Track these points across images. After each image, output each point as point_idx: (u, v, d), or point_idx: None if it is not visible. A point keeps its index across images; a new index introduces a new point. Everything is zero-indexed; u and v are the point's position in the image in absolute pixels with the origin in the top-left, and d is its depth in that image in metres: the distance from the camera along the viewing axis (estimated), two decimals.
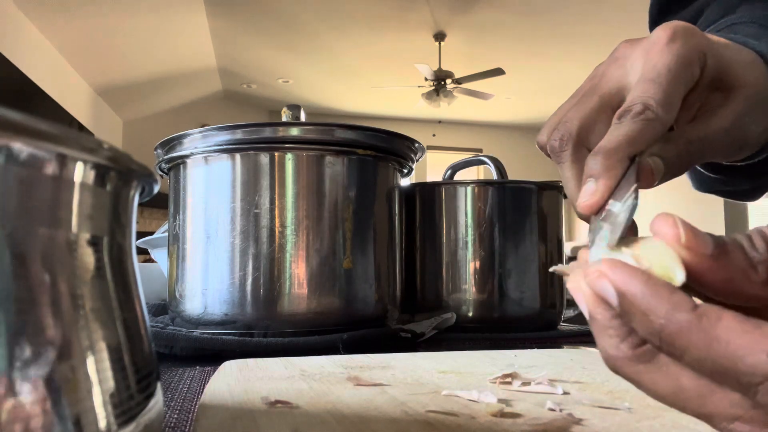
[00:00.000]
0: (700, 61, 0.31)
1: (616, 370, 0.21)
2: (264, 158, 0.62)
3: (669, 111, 0.29)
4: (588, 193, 0.27)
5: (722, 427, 0.19)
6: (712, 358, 0.18)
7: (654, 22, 0.61)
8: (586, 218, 0.28)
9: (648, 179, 0.29)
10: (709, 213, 5.70)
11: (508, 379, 0.35)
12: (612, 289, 0.19)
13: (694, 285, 0.20)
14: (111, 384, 0.17)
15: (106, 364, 0.17)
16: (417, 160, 0.76)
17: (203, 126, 0.66)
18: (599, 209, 0.27)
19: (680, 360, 0.19)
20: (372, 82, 6.41)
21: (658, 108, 0.29)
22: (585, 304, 0.21)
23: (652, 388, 0.20)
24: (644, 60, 0.31)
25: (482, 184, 0.78)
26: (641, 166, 0.29)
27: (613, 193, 0.27)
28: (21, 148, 0.14)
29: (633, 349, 0.20)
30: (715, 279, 0.20)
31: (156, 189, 0.21)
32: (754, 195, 0.49)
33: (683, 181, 0.49)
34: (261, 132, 0.62)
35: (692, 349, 0.18)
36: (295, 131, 0.64)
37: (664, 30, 0.31)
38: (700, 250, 0.20)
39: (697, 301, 0.19)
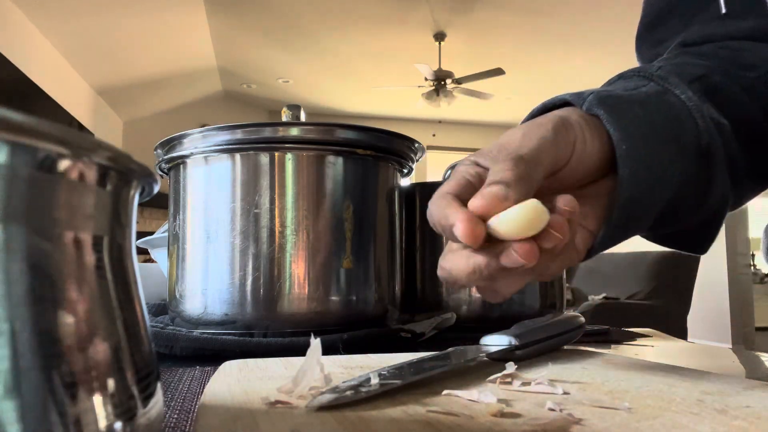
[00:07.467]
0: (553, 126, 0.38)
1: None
2: (264, 158, 0.62)
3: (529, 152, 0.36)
4: (492, 194, 0.33)
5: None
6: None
7: (640, 37, 0.60)
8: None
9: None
10: None
11: (508, 379, 0.35)
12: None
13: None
14: (111, 384, 0.17)
15: (106, 364, 0.17)
16: (417, 160, 0.76)
17: (203, 126, 0.66)
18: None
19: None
20: (372, 82, 6.41)
21: (519, 151, 0.36)
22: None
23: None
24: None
25: None
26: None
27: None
28: (21, 148, 0.14)
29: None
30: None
31: (156, 189, 0.21)
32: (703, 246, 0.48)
33: None
34: (261, 132, 0.62)
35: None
36: (295, 131, 0.64)
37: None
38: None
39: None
